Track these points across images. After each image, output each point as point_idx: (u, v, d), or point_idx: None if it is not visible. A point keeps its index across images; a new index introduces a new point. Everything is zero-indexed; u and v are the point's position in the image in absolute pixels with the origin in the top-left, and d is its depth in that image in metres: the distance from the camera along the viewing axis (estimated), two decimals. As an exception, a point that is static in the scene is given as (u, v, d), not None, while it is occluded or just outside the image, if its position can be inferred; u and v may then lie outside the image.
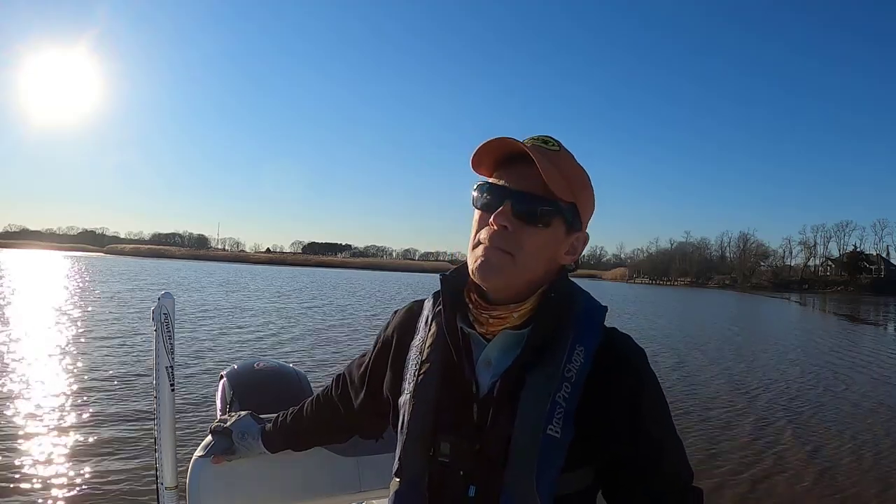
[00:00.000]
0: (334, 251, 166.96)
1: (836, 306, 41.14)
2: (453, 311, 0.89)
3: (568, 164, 0.87)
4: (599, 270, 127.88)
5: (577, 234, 0.89)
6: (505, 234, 0.83)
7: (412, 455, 0.87)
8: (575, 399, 0.81)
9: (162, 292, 1.39)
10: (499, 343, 0.87)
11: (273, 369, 1.63)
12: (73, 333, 10.62)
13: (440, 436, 0.85)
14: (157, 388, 1.36)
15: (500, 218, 0.83)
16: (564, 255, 0.89)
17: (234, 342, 10.87)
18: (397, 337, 1.00)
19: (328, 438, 1.24)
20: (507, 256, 0.83)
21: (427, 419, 0.86)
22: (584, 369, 0.83)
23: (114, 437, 5.09)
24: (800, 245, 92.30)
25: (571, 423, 0.80)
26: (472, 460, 0.82)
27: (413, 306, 1.02)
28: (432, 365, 0.89)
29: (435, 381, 0.88)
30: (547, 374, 0.82)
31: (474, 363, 0.87)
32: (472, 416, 0.84)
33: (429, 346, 0.91)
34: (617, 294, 43.16)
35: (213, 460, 1.28)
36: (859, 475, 5.15)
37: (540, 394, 0.81)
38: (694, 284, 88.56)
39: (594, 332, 0.86)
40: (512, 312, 0.85)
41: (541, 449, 0.78)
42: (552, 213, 0.84)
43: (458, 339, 0.88)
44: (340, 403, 1.14)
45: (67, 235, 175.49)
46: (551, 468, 0.79)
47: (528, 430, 0.79)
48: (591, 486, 0.87)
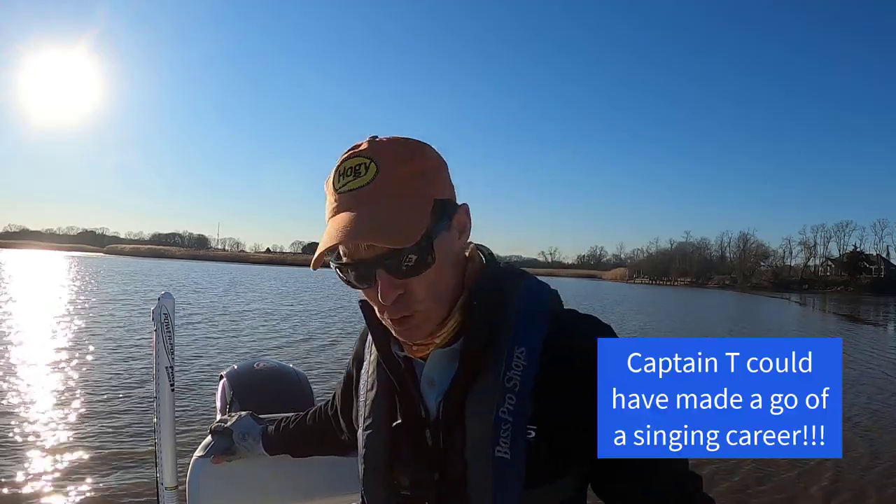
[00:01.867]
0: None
1: (836, 306, 41.13)
2: (383, 339, 0.83)
3: (402, 173, 0.73)
4: (599, 270, 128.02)
5: (454, 215, 0.77)
6: (400, 301, 0.73)
7: (373, 490, 0.84)
8: (525, 409, 0.74)
9: (162, 292, 1.39)
10: (434, 363, 0.80)
11: (273, 369, 1.63)
12: (72, 333, 10.62)
13: (397, 468, 0.81)
14: (156, 388, 1.36)
15: (388, 294, 0.72)
16: (462, 247, 0.80)
17: (234, 342, 10.87)
18: (355, 364, 0.97)
19: (326, 451, 1.22)
20: (416, 316, 0.75)
21: (381, 451, 0.83)
22: (528, 373, 0.75)
23: (114, 437, 5.09)
24: (800, 245, 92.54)
25: (523, 439, 0.73)
26: (434, 490, 0.78)
27: (364, 330, 0.95)
28: (378, 393, 0.85)
29: (384, 408, 0.84)
30: (486, 388, 0.75)
31: (419, 384, 0.82)
32: (426, 442, 0.79)
33: (372, 373, 0.88)
34: (617, 294, 43.15)
35: (212, 460, 1.28)
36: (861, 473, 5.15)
37: (482, 413, 0.74)
38: (694, 284, 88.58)
39: (537, 325, 0.77)
40: (434, 338, 0.78)
41: (493, 473, 0.73)
42: (427, 246, 0.72)
43: (397, 364, 0.83)
44: (334, 422, 1.12)
45: (67, 235, 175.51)
46: (508, 492, 0.73)
47: (478, 455, 0.74)
48: (577, 493, 0.80)
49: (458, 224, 0.78)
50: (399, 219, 0.70)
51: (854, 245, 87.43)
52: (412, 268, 0.71)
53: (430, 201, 0.74)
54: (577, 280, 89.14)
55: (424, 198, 0.74)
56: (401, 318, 0.74)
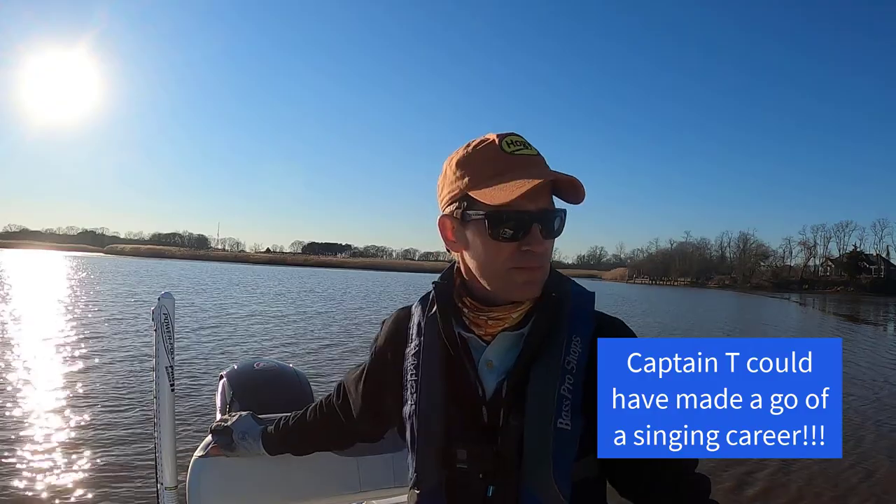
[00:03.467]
0: (334, 251, 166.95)
1: (835, 306, 41.13)
2: (448, 317, 0.90)
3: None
4: (599, 270, 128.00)
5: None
6: (543, 256, 0.85)
7: (429, 466, 0.88)
8: (579, 390, 0.83)
9: (162, 292, 1.39)
10: (498, 344, 0.87)
11: (273, 369, 1.63)
12: (72, 334, 10.61)
13: (454, 443, 0.86)
14: (157, 388, 1.35)
15: (541, 246, 0.84)
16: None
17: (234, 342, 10.87)
18: (391, 347, 1.00)
19: (330, 445, 1.24)
20: (542, 273, 0.86)
21: (438, 429, 0.87)
22: (582, 359, 0.84)
23: (114, 437, 5.09)
24: (800, 245, 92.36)
25: (580, 414, 0.82)
26: (491, 462, 0.84)
27: (400, 314, 1.02)
28: (432, 372, 0.90)
29: (438, 388, 0.89)
30: (549, 369, 0.84)
31: (476, 366, 0.88)
32: (483, 419, 0.86)
33: (425, 353, 0.91)
34: (617, 294, 43.17)
35: (211, 449, 1.28)
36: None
37: (546, 389, 0.83)
38: (694, 284, 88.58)
39: (587, 320, 0.88)
40: (510, 312, 0.87)
41: (554, 442, 0.81)
42: (564, 223, 0.87)
43: (458, 344, 0.89)
44: (341, 412, 1.14)
45: (67, 235, 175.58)
46: (566, 459, 0.81)
47: (541, 426, 0.81)
48: (601, 472, 0.89)
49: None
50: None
51: (854, 245, 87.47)
52: (559, 229, 0.86)
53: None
54: (577, 280, 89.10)
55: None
56: (541, 270, 0.86)
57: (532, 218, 0.83)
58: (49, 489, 4.03)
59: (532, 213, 0.83)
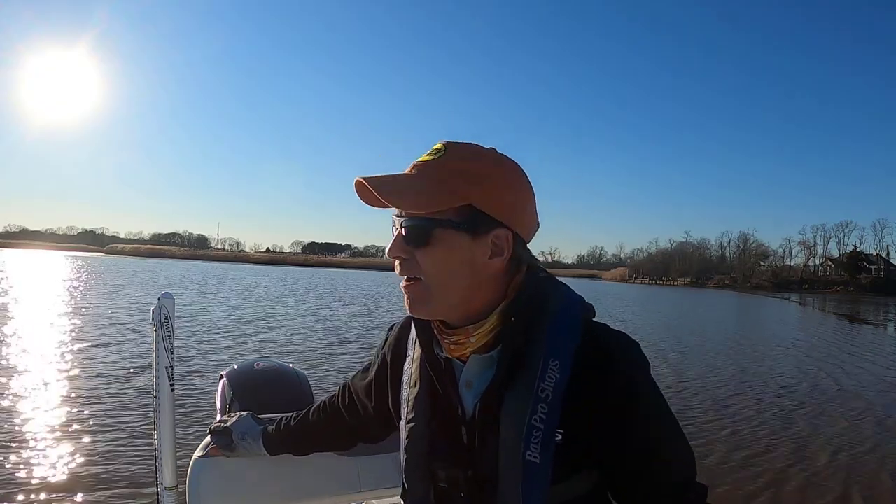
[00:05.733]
0: (334, 251, 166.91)
1: (835, 306, 41.11)
2: (427, 338, 0.89)
3: (451, 166, 0.81)
4: (599, 270, 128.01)
5: (493, 231, 0.81)
6: (404, 264, 0.83)
7: (414, 480, 0.89)
8: (555, 417, 0.79)
9: (162, 292, 1.39)
10: (473, 366, 0.85)
11: (273, 369, 1.63)
12: (72, 333, 10.61)
13: (435, 462, 0.87)
14: (156, 388, 1.35)
15: (394, 250, 0.83)
16: (489, 261, 0.82)
17: (234, 342, 10.86)
18: (392, 356, 1.01)
19: (332, 445, 1.24)
20: (418, 283, 0.83)
21: (421, 445, 0.88)
22: (560, 384, 0.79)
23: (114, 437, 5.09)
24: (800, 245, 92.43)
25: (552, 444, 0.78)
26: (467, 485, 0.84)
27: (405, 323, 1.01)
28: (420, 389, 0.90)
29: (425, 405, 0.89)
30: (520, 396, 0.80)
31: (458, 386, 0.87)
32: (462, 439, 0.85)
33: (416, 370, 0.92)
34: (617, 294, 43.12)
35: (211, 449, 1.28)
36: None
37: (516, 418, 0.79)
38: (694, 284, 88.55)
39: (569, 338, 0.81)
40: (469, 336, 0.83)
41: (523, 475, 0.78)
42: (429, 228, 0.80)
43: (439, 364, 0.88)
44: (347, 413, 1.14)
45: (67, 235, 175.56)
46: (536, 492, 0.78)
47: (510, 455, 0.79)
48: (597, 486, 0.85)
49: (494, 242, 0.82)
50: (418, 191, 0.80)
51: (854, 245, 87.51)
52: (416, 237, 0.81)
53: (463, 200, 0.80)
54: (577, 280, 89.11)
55: (456, 193, 0.80)
56: (406, 281, 0.84)
57: (398, 223, 0.83)
58: (49, 489, 4.02)
59: (398, 219, 0.83)
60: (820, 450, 5.83)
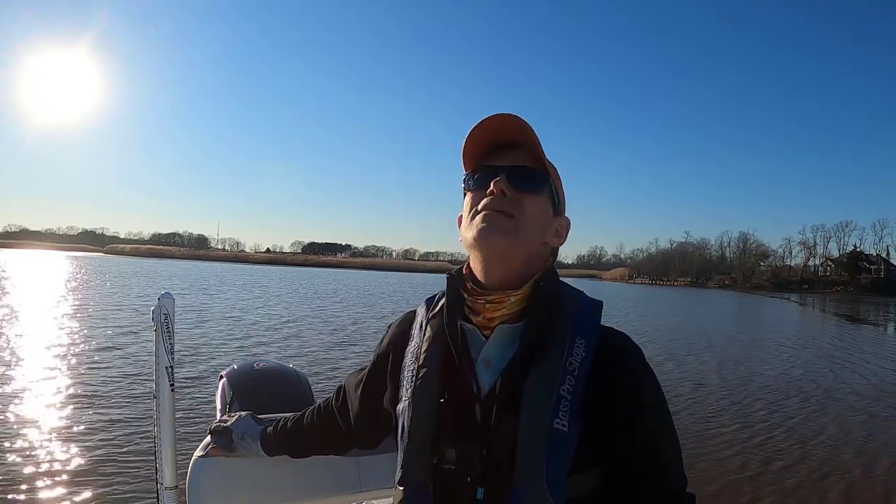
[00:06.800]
0: (334, 251, 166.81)
1: (835, 306, 41.10)
2: (454, 308, 0.88)
3: (538, 142, 0.88)
4: (599, 270, 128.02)
5: (560, 217, 0.93)
6: (504, 198, 0.85)
7: (415, 463, 0.84)
8: (579, 392, 0.80)
9: (162, 292, 1.39)
10: (496, 340, 0.85)
11: (273, 369, 1.62)
12: (72, 333, 10.61)
13: (443, 442, 0.82)
14: (156, 388, 1.35)
15: (499, 183, 0.85)
16: (553, 238, 0.91)
17: (234, 342, 10.86)
18: (393, 348, 0.99)
19: (326, 449, 1.23)
20: (510, 219, 0.85)
21: (428, 425, 0.84)
22: (585, 362, 0.81)
23: (114, 437, 5.09)
24: (800, 245, 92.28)
25: (578, 417, 0.79)
26: (480, 464, 0.80)
27: (407, 316, 1.01)
28: (430, 368, 0.87)
29: (434, 384, 0.86)
30: (549, 367, 0.80)
31: (474, 363, 0.85)
32: (476, 418, 0.82)
33: (425, 350, 0.89)
34: (617, 295, 43.13)
35: (211, 449, 1.28)
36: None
37: (544, 388, 0.79)
38: (694, 284, 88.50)
39: (593, 327, 0.86)
40: (508, 297, 0.85)
41: (549, 444, 0.77)
42: (544, 182, 0.88)
43: (458, 337, 0.86)
44: (339, 416, 1.13)
45: (67, 235, 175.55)
46: (560, 464, 0.77)
47: (535, 427, 0.77)
48: (600, 488, 0.84)
49: (562, 225, 0.93)
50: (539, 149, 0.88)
51: (854, 245, 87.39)
52: (534, 182, 0.87)
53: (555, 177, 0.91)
54: (577, 280, 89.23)
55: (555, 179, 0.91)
56: (498, 212, 0.85)
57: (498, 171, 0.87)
58: (49, 489, 4.03)
59: (501, 167, 0.87)
60: (849, 455, 5.82)
